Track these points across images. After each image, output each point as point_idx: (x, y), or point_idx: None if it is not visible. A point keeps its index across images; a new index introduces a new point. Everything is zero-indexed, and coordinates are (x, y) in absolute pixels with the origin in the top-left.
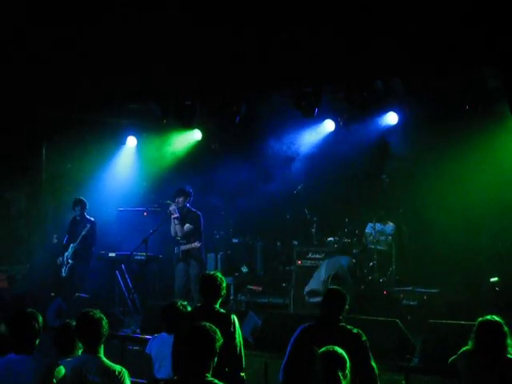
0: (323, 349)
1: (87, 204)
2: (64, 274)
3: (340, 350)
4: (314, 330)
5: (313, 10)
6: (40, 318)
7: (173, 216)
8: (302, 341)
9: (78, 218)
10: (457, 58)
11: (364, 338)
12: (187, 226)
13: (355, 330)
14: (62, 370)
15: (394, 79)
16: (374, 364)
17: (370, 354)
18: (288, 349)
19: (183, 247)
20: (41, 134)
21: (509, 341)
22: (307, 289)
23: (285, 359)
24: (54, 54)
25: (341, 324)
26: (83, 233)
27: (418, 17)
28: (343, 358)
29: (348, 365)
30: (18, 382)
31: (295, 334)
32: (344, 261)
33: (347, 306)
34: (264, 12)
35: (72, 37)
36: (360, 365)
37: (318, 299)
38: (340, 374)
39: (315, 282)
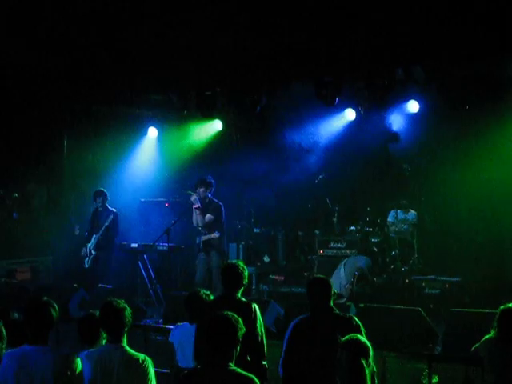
0: (346, 337)
1: (108, 195)
2: (87, 265)
3: (363, 339)
4: (307, 322)
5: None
6: (56, 308)
7: (194, 206)
8: (297, 335)
9: (100, 208)
10: (478, 45)
11: (356, 322)
12: (208, 216)
13: (348, 316)
14: (78, 363)
15: (415, 67)
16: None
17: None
18: (284, 345)
19: (204, 237)
20: (62, 125)
21: None
22: None
23: (282, 356)
24: (76, 46)
25: (333, 312)
26: (106, 223)
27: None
28: (366, 346)
29: (371, 353)
30: (33, 374)
31: (288, 330)
32: (362, 262)
33: (335, 290)
34: (284, 3)
35: (94, 29)
36: None
37: (341, 301)
38: (364, 361)
39: (336, 285)
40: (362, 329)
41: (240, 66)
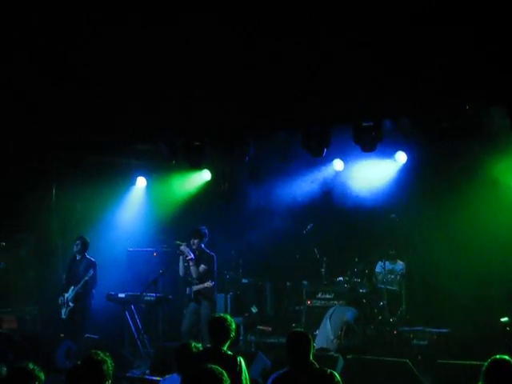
0: None
1: (88, 243)
2: (64, 316)
3: None
4: (286, 377)
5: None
6: (42, 376)
7: (187, 258)
8: None
9: (78, 256)
10: (467, 97)
11: (337, 378)
12: (202, 267)
13: (328, 371)
14: None
15: (403, 118)
16: None
17: None
18: None
19: (195, 287)
20: (50, 174)
21: None
22: (316, 346)
23: None
24: (64, 94)
25: (313, 367)
26: (86, 278)
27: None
28: None
29: None
30: None
31: None
32: (349, 314)
33: (314, 345)
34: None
35: (78, 75)
36: None
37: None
38: None
39: (322, 339)
40: (339, 380)
41: (226, 116)
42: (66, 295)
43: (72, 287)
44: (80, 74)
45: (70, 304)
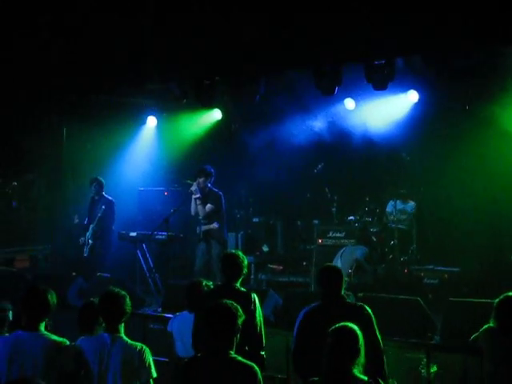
0: (336, 325)
1: (104, 183)
2: (86, 254)
3: (350, 325)
4: (318, 310)
5: None
6: (54, 295)
7: (194, 196)
8: (308, 324)
9: (96, 197)
10: (481, 34)
11: (368, 311)
12: (209, 206)
13: (358, 304)
14: (71, 350)
15: (415, 56)
16: (379, 336)
17: (376, 326)
18: (294, 334)
19: (204, 227)
20: (60, 115)
21: None
22: None
23: (293, 345)
24: (74, 35)
25: (344, 300)
26: (99, 214)
27: None
28: (353, 333)
29: (361, 339)
30: (26, 359)
31: (299, 318)
32: (359, 253)
33: (346, 279)
34: None
35: (93, 17)
36: (367, 337)
37: None
38: (348, 348)
39: None
40: (373, 318)
41: (237, 56)
42: (87, 234)
43: (91, 226)
44: (91, 14)
45: (90, 241)
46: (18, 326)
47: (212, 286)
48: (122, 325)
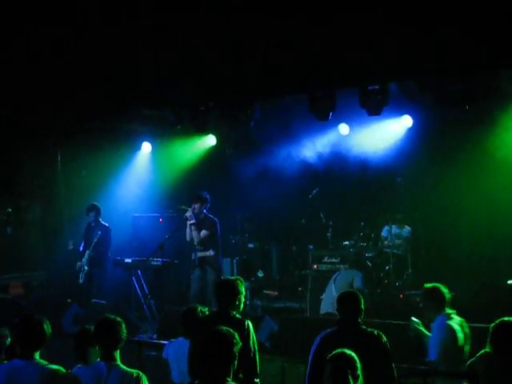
0: (333, 352)
1: (101, 209)
2: (81, 281)
3: (349, 352)
4: (334, 336)
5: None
6: (47, 324)
7: (189, 222)
8: (324, 348)
9: (93, 224)
10: (472, 59)
11: (384, 339)
12: (204, 232)
13: (376, 332)
14: (67, 378)
15: (409, 82)
16: (393, 365)
17: (390, 355)
18: (310, 358)
19: (199, 254)
20: (55, 141)
21: None
22: (322, 311)
23: (308, 369)
24: (70, 61)
25: (360, 327)
26: (95, 240)
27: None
28: (352, 358)
29: (358, 365)
30: None
31: (315, 343)
32: (358, 280)
33: (362, 307)
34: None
35: (87, 43)
36: (382, 366)
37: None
38: (349, 373)
39: (328, 303)
40: (386, 342)
41: (232, 81)
42: (83, 260)
43: (87, 252)
44: (85, 38)
45: (85, 268)
46: (15, 353)
47: (207, 312)
48: (118, 352)
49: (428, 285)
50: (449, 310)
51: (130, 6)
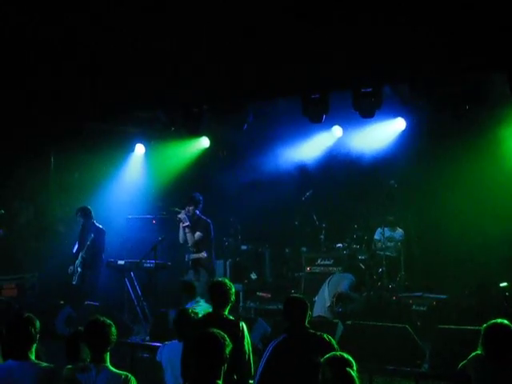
0: (329, 354)
1: (90, 210)
2: (74, 282)
3: (346, 355)
4: (284, 344)
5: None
6: (36, 324)
7: (183, 224)
8: (273, 358)
9: (86, 225)
10: (468, 62)
11: (328, 338)
12: (198, 234)
13: (325, 336)
14: (62, 378)
15: (402, 84)
16: None
17: None
18: (260, 367)
19: (193, 256)
20: (49, 143)
21: None
22: (314, 314)
23: (257, 377)
24: (63, 63)
25: (308, 331)
26: (88, 243)
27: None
28: (351, 360)
29: (355, 368)
30: None
31: (267, 353)
32: (345, 283)
33: (310, 312)
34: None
35: (80, 45)
36: None
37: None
38: (351, 371)
39: (320, 306)
40: (334, 343)
41: (225, 84)
42: (76, 262)
43: (80, 254)
44: (82, 41)
45: (79, 269)
46: (9, 354)
47: (198, 314)
48: (108, 354)
49: None
50: None
51: (121, 10)
